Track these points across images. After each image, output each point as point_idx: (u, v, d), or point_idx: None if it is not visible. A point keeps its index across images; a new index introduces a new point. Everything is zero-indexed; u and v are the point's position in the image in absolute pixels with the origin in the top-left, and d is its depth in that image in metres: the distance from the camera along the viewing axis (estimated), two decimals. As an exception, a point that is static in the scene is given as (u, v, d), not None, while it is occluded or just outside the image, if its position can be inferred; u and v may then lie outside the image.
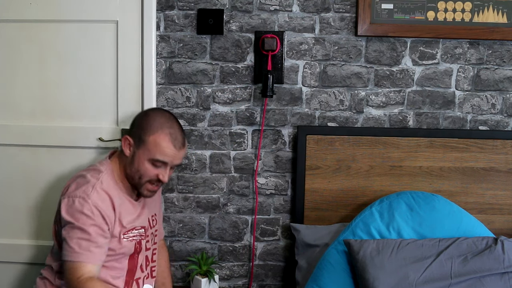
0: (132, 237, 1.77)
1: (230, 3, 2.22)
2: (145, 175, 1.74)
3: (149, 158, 1.72)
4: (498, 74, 2.26)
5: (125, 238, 1.75)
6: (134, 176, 1.76)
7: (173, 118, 1.80)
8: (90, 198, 1.66)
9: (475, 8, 2.19)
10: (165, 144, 1.72)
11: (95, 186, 1.69)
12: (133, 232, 1.78)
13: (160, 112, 1.81)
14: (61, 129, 2.26)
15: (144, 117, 1.78)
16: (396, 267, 1.81)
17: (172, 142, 1.73)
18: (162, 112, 1.82)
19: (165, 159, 1.72)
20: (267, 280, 2.37)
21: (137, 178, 1.75)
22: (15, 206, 2.32)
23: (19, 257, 2.33)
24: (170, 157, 1.73)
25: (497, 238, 1.89)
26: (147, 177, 1.74)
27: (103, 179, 1.73)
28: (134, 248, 1.79)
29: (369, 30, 2.20)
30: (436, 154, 2.24)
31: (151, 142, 1.72)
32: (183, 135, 1.79)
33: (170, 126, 1.75)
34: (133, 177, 1.76)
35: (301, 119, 2.28)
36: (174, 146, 1.73)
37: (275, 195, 2.32)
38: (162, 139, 1.72)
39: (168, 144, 1.72)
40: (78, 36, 2.22)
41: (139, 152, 1.73)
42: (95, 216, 1.65)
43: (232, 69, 2.26)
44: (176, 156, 1.75)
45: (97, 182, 1.70)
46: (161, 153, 1.72)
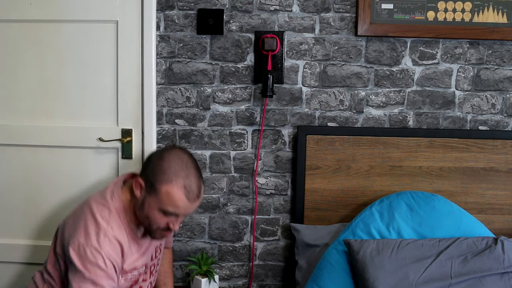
0: (130, 277, 1.72)
1: (230, 3, 2.22)
2: (155, 223, 1.64)
3: (160, 208, 1.61)
4: (498, 74, 2.26)
5: (123, 278, 1.70)
6: (143, 221, 1.67)
7: (190, 164, 1.65)
8: (103, 250, 1.58)
9: (475, 8, 2.19)
10: (178, 197, 1.60)
11: (107, 234, 1.61)
12: (133, 272, 1.73)
13: (177, 156, 1.65)
14: (61, 129, 2.26)
15: (158, 161, 1.64)
16: (396, 267, 1.81)
17: (186, 195, 1.60)
18: (179, 156, 1.65)
19: (177, 211, 1.62)
20: (267, 280, 2.37)
21: (147, 224, 1.66)
22: (15, 206, 2.32)
23: (19, 257, 2.33)
24: (182, 209, 1.63)
25: (497, 238, 1.89)
26: (157, 225, 1.65)
27: (113, 223, 1.64)
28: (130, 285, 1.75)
29: (369, 30, 2.20)
30: (436, 154, 2.24)
31: (163, 193, 1.60)
32: (200, 183, 1.65)
33: (186, 175, 1.62)
34: (142, 221, 1.68)
35: (301, 119, 2.28)
36: (188, 199, 1.61)
37: (275, 195, 2.32)
38: (175, 191, 1.59)
39: (182, 197, 1.60)
40: (78, 36, 2.22)
41: (150, 199, 1.62)
42: (108, 268, 1.59)
43: (232, 69, 2.26)
44: (190, 208, 1.64)
45: (108, 228, 1.62)
46: (174, 205, 1.61)
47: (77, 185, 2.28)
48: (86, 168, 2.28)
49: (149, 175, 1.63)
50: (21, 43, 2.24)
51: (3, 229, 2.34)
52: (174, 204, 1.60)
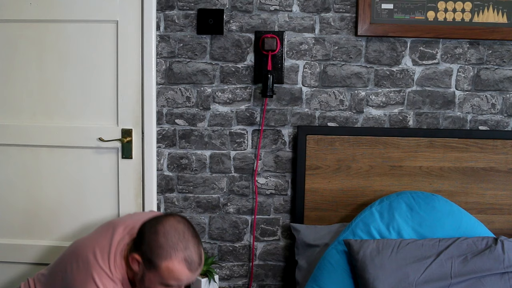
0: None
1: (230, 3, 2.22)
2: None
3: (162, 282, 1.57)
4: (498, 74, 2.26)
5: None
6: None
7: (187, 233, 1.59)
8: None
9: (475, 8, 2.19)
10: (180, 271, 1.55)
11: None
12: None
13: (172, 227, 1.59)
14: (61, 129, 2.26)
15: (153, 236, 1.57)
16: (396, 267, 1.81)
17: (187, 267, 1.56)
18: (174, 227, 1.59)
19: (180, 283, 1.59)
20: (267, 280, 2.37)
21: None
22: (15, 206, 2.32)
23: (19, 257, 2.33)
24: (185, 281, 1.59)
25: (497, 238, 1.89)
26: None
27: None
28: None
29: (369, 30, 2.20)
30: (436, 154, 2.24)
31: (164, 269, 1.55)
32: (200, 251, 1.61)
33: (185, 247, 1.57)
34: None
35: (301, 119, 2.28)
36: (190, 270, 1.57)
37: (275, 195, 2.32)
38: (176, 266, 1.55)
39: (184, 270, 1.55)
40: (78, 36, 2.22)
41: (150, 275, 1.58)
42: None
43: (232, 69, 2.26)
44: (192, 277, 1.60)
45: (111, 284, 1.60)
46: (176, 279, 1.56)
47: (77, 185, 2.28)
48: (86, 168, 2.28)
49: (146, 251, 1.57)
50: (21, 43, 2.24)
51: (3, 229, 2.33)
52: (177, 278, 1.56)
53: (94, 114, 2.26)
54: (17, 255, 2.33)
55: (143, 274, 1.59)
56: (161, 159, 2.30)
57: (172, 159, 2.30)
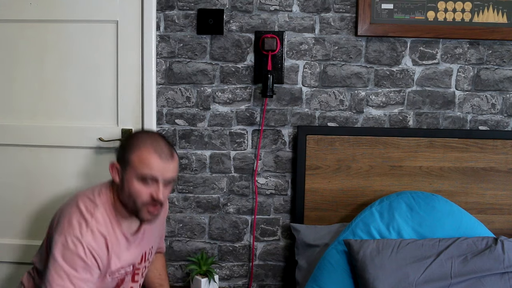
0: (117, 276, 1.71)
1: (230, 3, 2.22)
2: (138, 196, 1.61)
3: (137, 176, 1.60)
4: (498, 74, 2.26)
5: (109, 277, 1.68)
6: (128, 203, 1.64)
7: (157, 135, 1.70)
8: (84, 240, 1.57)
9: (475, 8, 2.19)
10: (150, 158, 1.59)
11: (90, 226, 1.60)
12: (120, 271, 1.71)
13: (144, 131, 1.73)
14: (61, 129, 2.26)
15: (126, 141, 1.70)
16: (396, 267, 1.81)
17: (157, 154, 1.60)
18: (146, 132, 1.74)
19: (153, 173, 1.59)
20: (267, 280, 2.37)
21: (132, 203, 1.63)
22: (15, 206, 2.32)
23: (19, 257, 2.33)
24: (158, 170, 1.60)
25: (497, 238, 1.89)
26: (140, 199, 1.61)
27: (98, 216, 1.63)
28: (116, 284, 1.73)
29: (369, 30, 2.20)
30: (436, 154, 2.24)
31: (135, 160, 1.60)
32: (170, 147, 1.67)
33: (153, 140, 1.64)
34: (127, 203, 1.64)
35: (301, 119, 2.28)
36: (160, 158, 1.60)
37: (275, 195, 2.32)
38: (146, 154, 1.60)
39: (153, 156, 1.60)
40: (78, 36, 2.22)
41: (127, 173, 1.62)
42: (87, 259, 1.58)
43: (232, 69, 2.26)
44: (166, 169, 1.61)
45: (92, 221, 1.61)
46: (148, 167, 1.59)
47: (77, 185, 2.28)
48: (86, 168, 2.28)
49: (120, 155, 1.66)
50: (21, 43, 2.24)
51: (3, 229, 2.33)
52: (148, 165, 1.59)
53: (94, 114, 2.26)
54: (17, 255, 2.33)
55: (122, 179, 1.64)
56: (161, 159, 2.30)
57: (172, 159, 2.30)
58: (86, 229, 1.59)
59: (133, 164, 1.60)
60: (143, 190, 1.61)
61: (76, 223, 1.60)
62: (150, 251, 1.84)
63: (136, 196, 1.61)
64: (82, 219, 1.61)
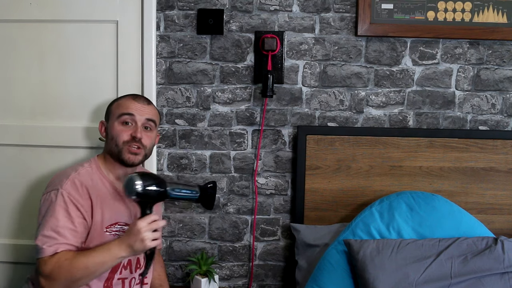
0: (114, 232, 1.75)
1: (230, 3, 2.22)
2: (119, 136, 1.75)
3: (117, 118, 1.76)
4: (498, 74, 2.26)
5: (107, 231, 1.73)
6: (112, 147, 1.77)
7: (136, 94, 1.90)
8: (62, 188, 1.67)
9: (475, 8, 2.19)
10: (126, 101, 1.79)
11: (70, 177, 1.70)
12: (116, 226, 1.76)
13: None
14: (61, 129, 2.26)
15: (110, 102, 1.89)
16: (396, 267, 1.81)
17: (133, 98, 1.80)
18: None
19: (129, 111, 1.76)
20: (267, 280, 2.37)
21: (114, 146, 1.76)
22: (15, 206, 2.32)
23: (19, 257, 2.33)
24: (133, 109, 1.77)
25: (497, 238, 1.89)
26: (121, 138, 1.75)
27: (82, 171, 1.74)
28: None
29: (369, 30, 2.20)
30: (436, 154, 2.24)
31: (114, 107, 1.81)
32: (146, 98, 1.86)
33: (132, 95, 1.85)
34: (111, 149, 1.77)
35: (301, 119, 2.28)
36: (136, 101, 1.79)
37: (275, 195, 2.32)
38: (123, 100, 1.81)
39: (129, 100, 1.79)
40: (78, 36, 2.22)
41: (109, 123, 1.80)
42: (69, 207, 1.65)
43: (232, 69, 2.26)
44: (141, 109, 1.78)
45: (74, 174, 1.72)
46: (124, 107, 1.77)
47: (77, 185, 2.28)
48: (86, 168, 2.28)
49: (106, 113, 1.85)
50: (21, 43, 2.24)
51: (3, 229, 2.33)
52: (124, 106, 1.77)
53: (94, 114, 2.26)
54: (17, 255, 2.33)
55: (106, 129, 1.82)
56: (161, 159, 2.30)
57: (172, 159, 2.30)
58: (66, 181, 1.69)
59: (113, 111, 1.80)
60: (123, 130, 1.76)
61: (58, 180, 1.70)
62: None
63: (117, 136, 1.75)
64: (64, 176, 1.71)
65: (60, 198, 1.65)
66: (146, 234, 1.55)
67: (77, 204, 1.67)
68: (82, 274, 1.58)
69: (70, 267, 1.58)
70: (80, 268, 1.57)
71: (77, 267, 1.58)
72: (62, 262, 1.59)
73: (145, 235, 1.55)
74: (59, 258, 1.60)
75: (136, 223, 1.57)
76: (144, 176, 1.57)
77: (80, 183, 1.70)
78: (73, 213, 1.66)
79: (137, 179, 1.54)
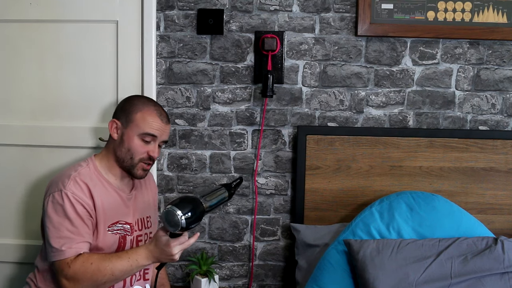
0: (116, 231, 1.77)
1: (230, 3, 2.22)
2: (136, 152, 1.76)
3: (139, 133, 1.76)
4: (498, 74, 2.26)
5: (109, 230, 1.75)
6: (125, 157, 1.77)
7: (155, 101, 1.90)
8: (66, 188, 1.67)
9: (475, 8, 2.19)
10: (152, 118, 1.77)
11: (71, 177, 1.71)
12: (117, 225, 1.78)
13: (140, 95, 1.95)
14: (61, 129, 2.26)
15: (126, 101, 1.85)
16: (396, 267, 1.81)
17: (158, 116, 1.79)
18: (145, 96, 2.01)
19: (154, 133, 1.77)
20: (267, 280, 2.37)
21: (129, 158, 1.77)
22: (16, 207, 2.32)
23: (19, 257, 2.33)
24: (158, 130, 1.78)
25: (497, 238, 1.89)
26: (138, 155, 1.77)
27: (81, 170, 1.75)
28: (118, 243, 1.78)
29: (369, 30, 2.20)
30: (436, 154, 2.24)
31: (139, 118, 1.77)
32: (165, 111, 1.86)
33: (155, 104, 1.84)
34: (124, 158, 1.78)
35: (301, 119, 2.28)
36: (161, 120, 1.79)
37: (275, 195, 2.32)
38: (149, 114, 1.78)
39: (155, 118, 1.78)
40: (78, 36, 2.22)
41: (128, 131, 1.77)
42: (76, 206, 1.67)
43: (232, 69, 2.26)
44: (164, 131, 1.81)
45: (74, 173, 1.72)
46: (150, 127, 1.77)
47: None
48: (86, 168, 2.28)
49: (121, 113, 1.81)
50: (21, 43, 2.24)
51: (3, 229, 2.34)
52: (151, 125, 1.77)
53: (94, 114, 2.26)
54: (17, 255, 2.33)
55: (122, 135, 1.78)
56: (161, 159, 2.30)
57: (172, 159, 2.30)
58: (68, 181, 1.70)
59: (137, 123, 1.77)
60: (142, 147, 1.77)
61: (60, 181, 1.71)
62: (148, 219, 1.92)
63: (135, 151, 1.77)
64: (65, 176, 1.72)
65: (66, 199, 1.66)
66: (178, 253, 1.60)
67: (83, 203, 1.69)
68: (108, 279, 1.62)
69: (97, 271, 1.61)
70: (107, 274, 1.61)
71: (103, 272, 1.61)
72: (88, 266, 1.61)
73: (176, 255, 1.60)
74: (84, 261, 1.62)
75: (170, 243, 1.57)
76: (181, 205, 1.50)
77: (81, 182, 1.71)
78: (81, 212, 1.68)
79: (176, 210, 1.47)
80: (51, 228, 1.66)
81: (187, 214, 1.49)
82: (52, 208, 1.67)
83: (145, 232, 1.90)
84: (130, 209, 1.84)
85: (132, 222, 1.84)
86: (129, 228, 1.82)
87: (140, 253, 1.63)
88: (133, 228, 1.84)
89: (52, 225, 1.66)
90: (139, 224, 1.87)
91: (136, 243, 1.84)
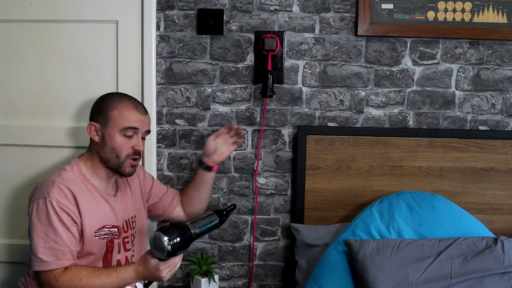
0: (103, 235, 1.76)
1: (230, 3, 2.22)
2: (121, 150, 1.75)
3: (119, 129, 1.74)
4: (498, 74, 2.26)
5: (96, 236, 1.74)
6: (110, 157, 1.76)
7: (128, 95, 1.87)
8: (50, 196, 1.65)
9: (475, 8, 2.19)
10: (129, 112, 1.76)
11: (55, 183, 1.68)
12: (104, 230, 1.76)
13: (113, 92, 1.90)
14: (61, 129, 2.26)
15: (100, 101, 1.83)
16: (396, 267, 1.81)
17: (135, 108, 1.78)
18: (117, 92, 1.97)
19: (134, 125, 1.76)
20: (267, 280, 2.37)
21: (114, 157, 1.76)
22: (16, 206, 2.32)
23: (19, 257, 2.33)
24: (138, 122, 1.77)
25: (497, 238, 1.89)
26: (124, 152, 1.75)
27: (66, 176, 1.72)
28: (106, 247, 1.78)
29: (369, 30, 2.20)
30: (436, 154, 2.24)
31: (116, 115, 1.75)
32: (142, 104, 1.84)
33: (128, 98, 1.82)
34: (109, 158, 1.76)
35: (301, 119, 2.28)
36: (138, 112, 1.78)
37: (275, 195, 2.32)
38: (125, 109, 1.76)
39: (132, 111, 1.77)
40: (78, 36, 2.22)
41: (108, 130, 1.76)
42: (61, 214, 1.65)
43: (232, 69, 2.26)
44: (143, 122, 1.79)
45: (58, 179, 1.70)
46: (129, 120, 1.75)
47: (77, 185, 2.28)
48: (86, 168, 2.28)
49: (97, 114, 1.80)
50: (21, 43, 2.24)
51: (3, 229, 2.34)
52: (129, 119, 1.75)
53: (94, 114, 2.26)
54: (16, 256, 2.33)
55: (103, 136, 1.77)
56: (161, 159, 2.30)
57: (172, 159, 2.30)
58: (52, 188, 1.67)
59: (115, 120, 1.75)
60: (126, 143, 1.76)
61: (44, 188, 1.69)
62: (132, 219, 1.91)
63: (120, 149, 1.75)
64: (49, 182, 1.70)
65: (50, 207, 1.64)
66: (167, 276, 1.59)
67: (68, 211, 1.67)
68: None
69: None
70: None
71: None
72: (76, 282, 1.62)
73: (165, 277, 1.59)
74: (72, 277, 1.62)
75: (159, 267, 1.57)
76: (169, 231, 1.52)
77: (66, 188, 1.69)
78: (66, 220, 1.66)
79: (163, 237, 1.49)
80: (36, 237, 1.64)
81: (174, 240, 1.50)
82: (36, 216, 1.65)
83: (131, 233, 1.89)
84: (116, 212, 1.83)
85: (119, 225, 1.83)
86: (117, 231, 1.81)
87: (130, 273, 1.63)
88: (120, 231, 1.83)
89: (36, 234, 1.65)
90: (124, 226, 1.86)
91: (123, 245, 1.84)
